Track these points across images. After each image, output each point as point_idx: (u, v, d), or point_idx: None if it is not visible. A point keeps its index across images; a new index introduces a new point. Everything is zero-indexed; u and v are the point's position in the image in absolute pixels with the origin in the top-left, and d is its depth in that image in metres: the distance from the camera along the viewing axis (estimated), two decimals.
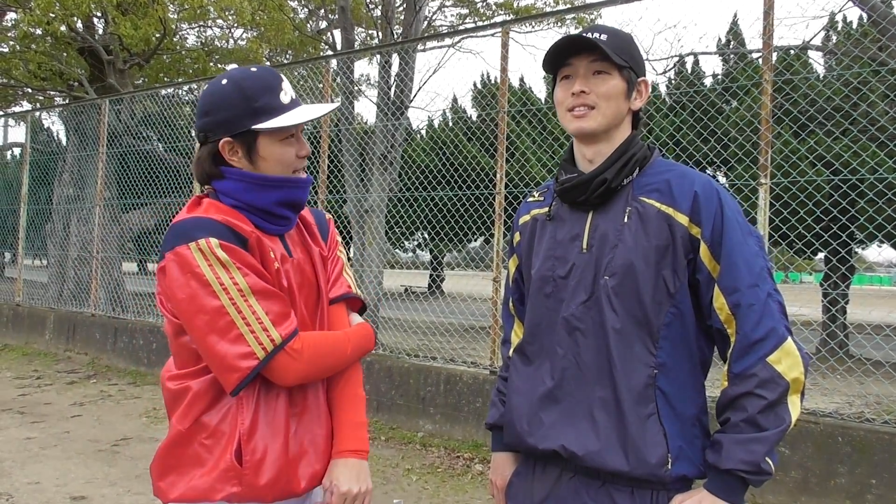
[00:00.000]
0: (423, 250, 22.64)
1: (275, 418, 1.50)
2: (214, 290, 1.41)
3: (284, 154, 1.54)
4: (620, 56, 1.48)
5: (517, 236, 1.72)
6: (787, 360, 1.38)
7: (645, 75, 1.57)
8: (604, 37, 1.49)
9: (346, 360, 1.58)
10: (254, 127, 1.49)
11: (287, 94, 1.53)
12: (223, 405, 1.49)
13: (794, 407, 1.38)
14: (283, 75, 1.56)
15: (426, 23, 12.41)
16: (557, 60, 1.54)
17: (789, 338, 1.40)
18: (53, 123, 16.49)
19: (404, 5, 10.12)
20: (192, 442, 1.49)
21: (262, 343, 1.42)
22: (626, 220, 1.48)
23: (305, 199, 1.61)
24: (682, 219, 1.45)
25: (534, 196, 1.71)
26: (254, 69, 1.57)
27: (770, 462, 1.37)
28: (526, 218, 1.69)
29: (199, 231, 1.43)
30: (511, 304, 1.77)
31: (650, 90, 1.57)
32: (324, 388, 1.62)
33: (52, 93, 15.08)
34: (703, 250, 1.43)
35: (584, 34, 1.50)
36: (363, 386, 1.67)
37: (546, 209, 1.63)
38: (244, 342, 1.41)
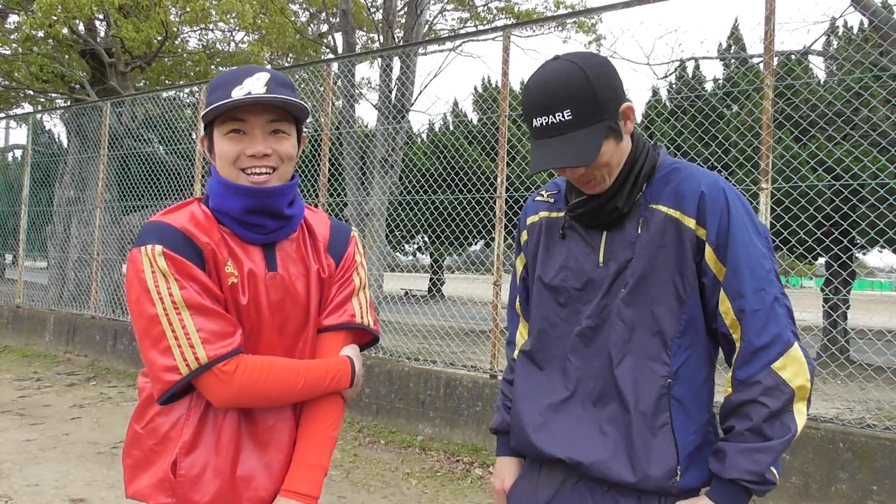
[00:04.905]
0: (423, 254, 22.63)
1: (222, 435, 1.44)
2: (152, 297, 1.38)
3: (224, 148, 1.45)
4: (595, 117, 1.36)
5: (524, 235, 1.67)
6: (792, 367, 1.35)
7: (624, 101, 1.41)
8: (567, 113, 1.35)
9: (295, 394, 1.46)
10: (201, 118, 1.47)
11: (245, 89, 1.41)
12: (175, 412, 1.46)
13: (800, 415, 1.36)
14: (261, 74, 1.45)
15: (427, 26, 12.41)
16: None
17: (796, 343, 1.37)
18: (55, 125, 16.52)
19: (405, 9, 10.13)
20: (144, 444, 1.48)
21: (186, 360, 1.37)
22: (638, 231, 1.45)
23: (280, 206, 1.48)
24: (690, 222, 1.42)
25: (542, 196, 1.65)
26: (234, 68, 1.52)
27: (774, 472, 1.35)
28: (534, 218, 1.65)
29: (152, 236, 1.41)
30: (517, 303, 1.73)
31: (634, 113, 1.45)
32: (294, 413, 1.53)
33: (53, 95, 15.09)
34: (709, 253, 1.40)
35: (545, 119, 1.37)
36: (338, 416, 1.55)
37: (556, 213, 1.59)
38: (171, 355, 1.37)
